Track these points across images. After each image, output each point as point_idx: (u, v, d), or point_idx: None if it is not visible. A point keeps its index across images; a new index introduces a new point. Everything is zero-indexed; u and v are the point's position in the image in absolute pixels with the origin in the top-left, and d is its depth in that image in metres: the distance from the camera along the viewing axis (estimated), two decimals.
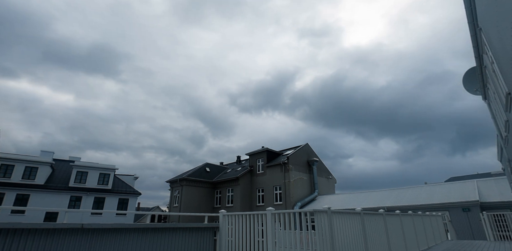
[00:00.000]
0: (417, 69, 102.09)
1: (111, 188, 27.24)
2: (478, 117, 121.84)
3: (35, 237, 3.62)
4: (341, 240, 4.57)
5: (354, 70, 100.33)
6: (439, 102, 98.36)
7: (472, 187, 15.75)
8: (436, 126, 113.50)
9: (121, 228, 4.43)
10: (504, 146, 7.55)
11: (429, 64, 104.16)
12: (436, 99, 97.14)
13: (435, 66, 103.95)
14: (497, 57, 4.27)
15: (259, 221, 5.15)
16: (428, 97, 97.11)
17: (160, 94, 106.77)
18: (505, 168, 11.07)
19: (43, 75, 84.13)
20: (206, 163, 31.45)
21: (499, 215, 11.78)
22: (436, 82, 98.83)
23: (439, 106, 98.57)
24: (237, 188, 25.47)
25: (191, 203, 26.16)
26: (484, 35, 5.07)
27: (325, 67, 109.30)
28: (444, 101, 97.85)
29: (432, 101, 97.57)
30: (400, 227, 7.42)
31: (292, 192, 22.73)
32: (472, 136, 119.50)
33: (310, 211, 4.46)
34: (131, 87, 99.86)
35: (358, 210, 5.62)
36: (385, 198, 18.45)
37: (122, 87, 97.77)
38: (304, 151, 26.38)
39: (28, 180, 23.67)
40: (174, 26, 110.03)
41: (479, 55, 6.32)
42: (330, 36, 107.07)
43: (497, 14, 3.66)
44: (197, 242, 5.38)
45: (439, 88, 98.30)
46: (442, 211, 14.27)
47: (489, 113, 8.47)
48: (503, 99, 4.81)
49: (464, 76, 8.00)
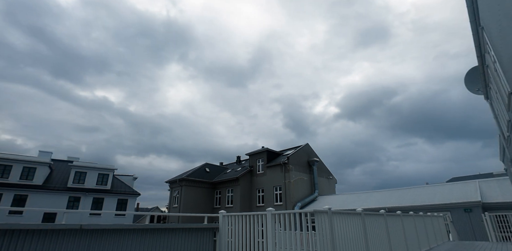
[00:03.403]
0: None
1: (110, 189, 27.16)
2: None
3: (33, 238, 3.58)
4: (341, 241, 4.53)
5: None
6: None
7: (474, 187, 15.70)
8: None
9: (120, 229, 4.39)
10: (507, 146, 7.51)
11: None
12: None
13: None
14: (499, 56, 4.23)
15: (259, 221, 5.11)
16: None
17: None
18: (508, 168, 11.02)
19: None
20: (206, 163, 31.36)
21: (501, 215, 11.74)
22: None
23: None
24: (237, 188, 25.41)
25: (191, 204, 26.08)
26: (486, 34, 5.03)
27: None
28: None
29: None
30: (401, 228, 7.37)
31: (292, 192, 22.67)
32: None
33: (310, 212, 4.42)
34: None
35: (359, 211, 5.58)
36: (386, 199, 18.39)
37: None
38: (304, 151, 26.33)
39: (26, 180, 23.56)
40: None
41: (481, 54, 6.28)
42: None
43: (499, 13, 3.63)
44: (197, 242, 5.32)
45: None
46: (443, 211, 14.21)
47: (491, 113, 8.42)
48: (505, 99, 4.76)
49: (466, 75, 7.96)
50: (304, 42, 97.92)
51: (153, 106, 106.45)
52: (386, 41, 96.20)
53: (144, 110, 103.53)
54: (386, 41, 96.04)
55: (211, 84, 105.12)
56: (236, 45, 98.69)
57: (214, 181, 28.42)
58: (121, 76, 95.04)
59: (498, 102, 6.33)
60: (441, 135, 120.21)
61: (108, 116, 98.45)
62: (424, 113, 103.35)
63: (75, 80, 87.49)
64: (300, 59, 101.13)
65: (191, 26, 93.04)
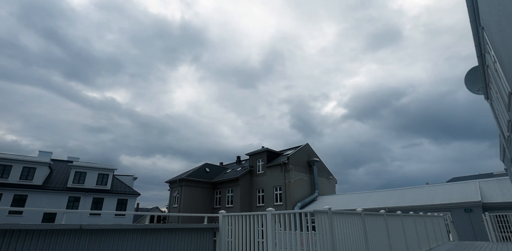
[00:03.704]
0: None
1: (109, 189, 27.15)
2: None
3: (33, 238, 3.58)
4: (341, 241, 4.52)
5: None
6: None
7: (474, 187, 15.69)
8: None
9: (120, 229, 4.38)
10: (507, 146, 7.51)
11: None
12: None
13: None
14: (500, 56, 4.23)
15: (259, 221, 5.10)
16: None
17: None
18: (508, 168, 11.01)
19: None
20: (206, 163, 31.34)
21: (502, 215, 11.72)
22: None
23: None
24: (237, 188, 25.40)
25: (191, 204, 26.07)
26: (487, 34, 5.03)
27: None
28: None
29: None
30: (402, 228, 7.36)
31: (292, 192, 22.66)
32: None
33: (310, 212, 4.42)
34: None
35: (359, 211, 5.57)
36: (386, 199, 18.38)
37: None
38: (304, 151, 26.32)
39: (26, 180, 23.56)
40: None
41: (481, 54, 6.28)
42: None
43: (499, 13, 3.62)
44: (197, 243, 5.32)
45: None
46: (443, 211, 14.20)
47: (491, 113, 8.42)
48: (505, 99, 4.76)
49: (466, 75, 7.96)
50: (315, 44, 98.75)
51: (161, 107, 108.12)
52: (397, 44, 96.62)
53: (152, 111, 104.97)
54: (397, 43, 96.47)
55: (220, 85, 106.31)
56: (248, 47, 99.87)
57: (214, 181, 28.41)
58: (134, 78, 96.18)
59: (498, 102, 6.32)
60: (447, 135, 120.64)
61: (116, 117, 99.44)
62: (431, 114, 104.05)
63: (86, 81, 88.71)
64: (311, 61, 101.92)
65: (205, 28, 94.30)
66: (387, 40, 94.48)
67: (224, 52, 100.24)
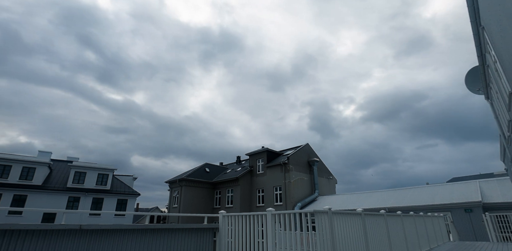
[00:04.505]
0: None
1: (109, 189, 27.14)
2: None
3: (33, 238, 3.57)
4: (342, 241, 4.51)
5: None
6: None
7: (475, 187, 15.68)
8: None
9: (120, 229, 4.37)
10: (507, 146, 7.50)
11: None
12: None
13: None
14: (500, 56, 4.22)
15: (259, 221, 5.10)
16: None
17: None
18: (508, 168, 11.01)
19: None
20: (206, 163, 31.34)
21: (502, 216, 11.71)
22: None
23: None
24: (237, 188, 25.39)
25: (191, 204, 26.06)
26: (487, 33, 5.02)
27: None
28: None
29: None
30: (402, 228, 7.36)
31: (292, 192, 22.65)
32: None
33: (310, 212, 4.41)
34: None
35: (359, 211, 5.56)
36: (386, 199, 18.37)
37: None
38: (304, 151, 26.32)
39: (26, 180, 23.55)
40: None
41: (481, 54, 6.27)
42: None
43: (499, 13, 3.62)
44: (197, 243, 5.31)
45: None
46: (444, 212, 14.19)
47: (491, 113, 8.41)
48: (506, 98, 4.75)
49: (466, 75, 7.95)
50: (344, 50, 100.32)
51: (176, 108, 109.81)
52: (427, 51, 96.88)
53: (172, 112, 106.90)
54: (427, 50, 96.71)
55: (247, 88, 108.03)
56: (280, 52, 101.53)
57: (214, 181, 28.40)
58: (168, 82, 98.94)
59: (498, 102, 6.32)
60: (461, 136, 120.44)
61: (136, 118, 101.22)
62: (449, 116, 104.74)
63: (114, 84, 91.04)
64: (338, 65, 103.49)
65: (239, 34, 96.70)
66: (417, 47, 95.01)
67: (256, 57, 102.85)
